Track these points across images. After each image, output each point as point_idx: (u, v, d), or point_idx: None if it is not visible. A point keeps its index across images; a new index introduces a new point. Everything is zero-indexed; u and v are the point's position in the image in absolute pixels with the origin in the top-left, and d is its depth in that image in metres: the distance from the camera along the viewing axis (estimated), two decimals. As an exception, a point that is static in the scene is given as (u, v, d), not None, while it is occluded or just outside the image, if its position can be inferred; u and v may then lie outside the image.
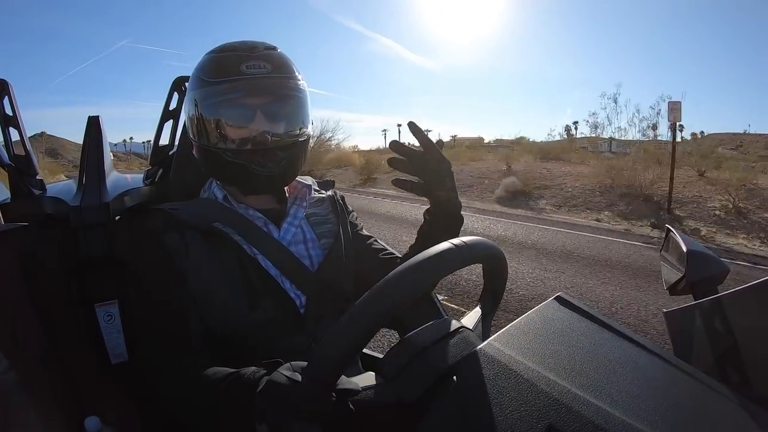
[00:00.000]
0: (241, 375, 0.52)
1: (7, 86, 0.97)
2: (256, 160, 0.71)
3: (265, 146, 0.71)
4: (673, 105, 6.94)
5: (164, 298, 0.67)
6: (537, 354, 0.44)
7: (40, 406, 0.69)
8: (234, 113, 0.71)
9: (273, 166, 0.72)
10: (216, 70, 0.71)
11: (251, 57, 0.71)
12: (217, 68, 0.71)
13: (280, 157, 0.73)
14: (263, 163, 0.71)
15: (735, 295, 0.60)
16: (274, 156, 0.72)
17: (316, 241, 0.79)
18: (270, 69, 0.71)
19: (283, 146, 0.73)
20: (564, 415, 0.37)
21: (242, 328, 0.68)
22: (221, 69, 0.71)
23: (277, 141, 0.73)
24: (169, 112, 1.09)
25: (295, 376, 0.45)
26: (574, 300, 0.55)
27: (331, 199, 0.86)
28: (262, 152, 0.71)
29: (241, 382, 0.52)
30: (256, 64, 0.70)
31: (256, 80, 0.70)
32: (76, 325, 0.92)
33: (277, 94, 0.73)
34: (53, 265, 0.92)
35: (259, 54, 0.72)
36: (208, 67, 0.72)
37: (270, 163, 0.72)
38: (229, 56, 0.71)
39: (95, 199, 0.93)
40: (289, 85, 0.73)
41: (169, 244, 0.69)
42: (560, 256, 4.49)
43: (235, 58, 0.70)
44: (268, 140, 0.72)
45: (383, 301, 0.42)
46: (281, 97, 0.73)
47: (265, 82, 0.71)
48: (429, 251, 0.45)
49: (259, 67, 0.70)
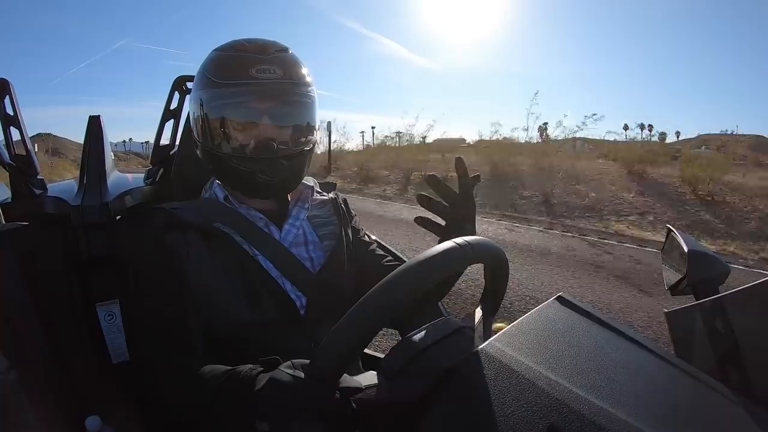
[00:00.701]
0: (238, 372, 0.52)
1: (8, 85, 0.97)
2: (261, 169, 0.70)
3: (271, 155, 0.70)
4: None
5: (164, 297, 0.67)
6: (538, 354, 0.44)
7: (41, 405, 0.69)
8: (241, 117, 0.70)
9: (278, 175, 0.71)
10: (225, 70, 0.69)
11: (262, 60, 0.69)
12: (227, 69, 0.70)
13: (285, 166, 0.72)
14: (268, 172, 0.71)
15: (736, 296, 0.60)
16: (279, 166, 0.71)
17: (317, 243, 0.79)
18: (281, 74, 0.69)
19: (289, 155, 0.72)
20: (565, 415, 0.37)
21: (243, 328, 0.68)
22: (231, 70, 0.69)
23: (284, 150, 0.71)
24: (170, 111, 1.09)
25: (297, 373, 0.45)
26: (575, 300, 0.55)
27: (333, 201, 0.86)
28: (267, 161, 0.70)
29: (238, 379, 0.51)
30: (267, 69, 0.68)
31: (266, 86, 0.69)
32: (77, 324, 0.92)
33: (286, 101, 0.72)
34: (54, 264, 0.92)
35: (271, 57, 0.70)
36: (217, 67, 0.71)
37: (275, 173, 0.71)
38: (240, 57, 0.70)
39: (96, 199, 0.93)
40: (298, 92, 0.72)
41: (171, 243, 0.69)
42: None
43: (246, 60, 0.69)
44: (275, 147, 0.70)
45: (386, 299, 0.42)
46: (289, 104, 0.72)
47: (275, 88, 0.70)
48: (432, 250, 0.45)
49: (270, 72, 0.68)
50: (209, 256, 0.69)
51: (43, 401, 0.72)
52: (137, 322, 0.72)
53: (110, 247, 0.93)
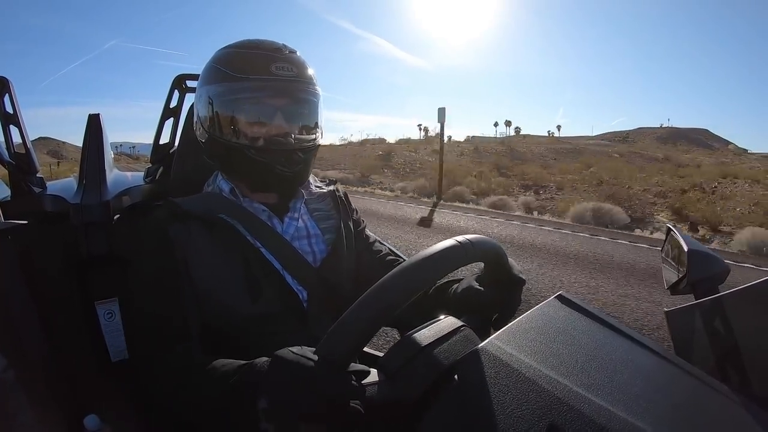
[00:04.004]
0: (254, 365, 0.51)
1: (8, 84, 0.96)
2: (279, 160, 0.73)
3: (288, 147, 0.73)
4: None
5: (164, 290, 0.67)
6: (538, 352, 0.44)
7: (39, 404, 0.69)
8: (259, 111, 0.72)
9: (294, 167, 0.74)
10: (244, 65, 0.72)
11: (279, 58, 0.72)
12: (246, 64, 0.72)
13: (300, 158, 0.75)
14: (285, 164, 0.73)
15: (736, 295, 0.60)
16: (295, 157, 0.74)
17: (320, 237, 0.80)
18: (296, 72, 0.73)
19: (304, 148, 0.75)
20: (565, 413, 0.37)
21: (244, 320, 0.68)
22: (250, 65, 0.72)
23: (299, 143, 0.75)
24: (170, 110, 1.09)
25: (305, 352, 0.43)
26: (575, 299, 0.55)
27: (332, 194, 0.87)
28: (284, 153, 0.73)
29: (253, 371, 0.50)
30: (285, 66, 0.72)
31: (284, 82, 0.72)
32: (76, 323, 0.92)
33: (301, 98, 0.75)
34: (53, 263, 0.92)
35: (286, 56, 0.73)
36: (234, 62, 0.73)
37: (292, 165, 0.74)
38: (257, 54, 0.73)
39: (95, 197, 0.93)
40: (311, 90, 0.76)
41: (173, 234, 0.69)
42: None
43: (264, 57, 0.72)
44: (292, 142, 0.74)
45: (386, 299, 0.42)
46: (304, 101, 0.75)
47: (292, 85, 0.73)
48: (434, 247, 0.46)
49: (287, 70, 0.72)
50: (211, 246, 0.69)
51: (42, 400, 0.72)
52: (137, 318, 0.72)
53: (110, 245, 0.93)
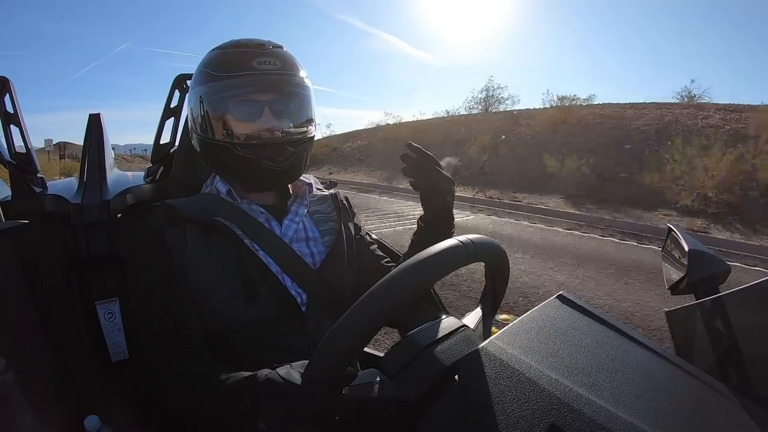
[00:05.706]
0: (255, 381, 0.51)
1: (8, 84, 0.96)
2: (266, 155, 0.72)
3: (275, 141, 0.72)
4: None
5: (163, 296, 0.67)
6: (539, 353, 0.44)
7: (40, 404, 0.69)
8: (244, 108, 0.72)
9: (282, 160, 0.73)
10: (226, 64, 0.72)
11: (262, 54, 0.72)
12: (228, 63, 0.72)
13: (290, 152, 0.74)
14: (273, 157, 0.72)
15: (736, 295, 0.60)
16: (283, 151, 0.73)
17: (319, 239, 0.79)
18: (280, 66, 0.73)
19: (292, 141, 0.74)
20: (566, 413, 0.37)
21: (242, 323, 0.68)
22: (232, 64, 0.71)
23: (287, 136, 0.74)
24: (171, 109, 1.09)
25: (292, 375, 0.45)
26: (575, 298, 0.55)
27: (333, 197, 0.86)
28: (272, 147, 0.72)
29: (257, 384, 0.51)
30: (267, 61, 0.72)
31: (267, 76, 0.72)
32: (77, 323, 0.92)
33: (287, 91, 0.74)
34: (54, 263, 0.92)
35: (269, 51, 0.73)
36: (217, 62, 0.73)
37: (279, 158, 0.73)
38: (239, 52, 0.73)
39: (96, 197, 0.93)
40: (297, 83, 0.75)
41: (171, 240, 0.69)
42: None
43: (246, 54, 0.72)
44: (279, 136, 0.73)
45: (386, 299, 0.42)
46: (290, 94, 0.75)
47: (276, 78, 0.73)
48: (433, 248, 0.45)
49: (270, 64, 0.72)
50: (208, 250, 0.69)
51: (42, 400, 0.72)
52: (137, 321, 0.72)
53: (110, 245, 0.93)
